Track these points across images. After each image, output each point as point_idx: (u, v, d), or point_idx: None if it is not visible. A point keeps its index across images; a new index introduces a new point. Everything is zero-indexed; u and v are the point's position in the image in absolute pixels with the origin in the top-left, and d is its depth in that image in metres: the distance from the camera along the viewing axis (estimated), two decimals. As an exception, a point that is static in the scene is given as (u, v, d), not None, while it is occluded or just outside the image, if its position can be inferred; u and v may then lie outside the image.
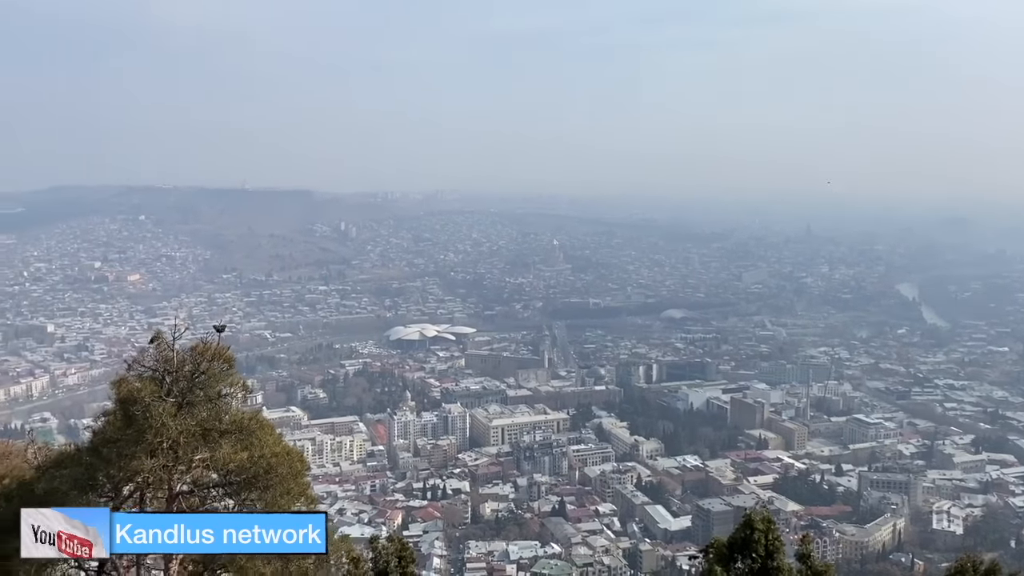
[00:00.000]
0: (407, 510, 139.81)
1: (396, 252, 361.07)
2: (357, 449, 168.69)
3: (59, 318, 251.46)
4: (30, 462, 20.07)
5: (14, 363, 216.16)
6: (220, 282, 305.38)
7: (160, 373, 16.48)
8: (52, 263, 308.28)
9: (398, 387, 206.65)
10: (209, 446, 16.25)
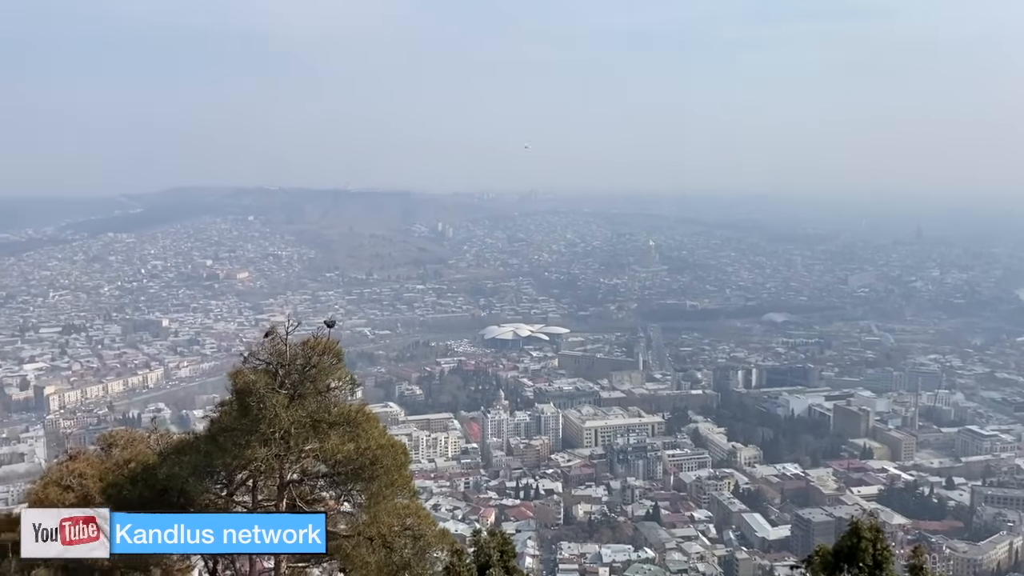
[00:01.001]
0: (500, 508, 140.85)
1: (491, 252, 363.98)
2: (452, 446, 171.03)
3: (173, 313, 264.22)
4: (153, 448, 21.30)
5: (132, 355, 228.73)
6: (323, 280, 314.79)
7: (274, 366, 17.16)
8: (168, 261, 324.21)
9: (492, 386, 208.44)
10: (318, 437, 16.85)
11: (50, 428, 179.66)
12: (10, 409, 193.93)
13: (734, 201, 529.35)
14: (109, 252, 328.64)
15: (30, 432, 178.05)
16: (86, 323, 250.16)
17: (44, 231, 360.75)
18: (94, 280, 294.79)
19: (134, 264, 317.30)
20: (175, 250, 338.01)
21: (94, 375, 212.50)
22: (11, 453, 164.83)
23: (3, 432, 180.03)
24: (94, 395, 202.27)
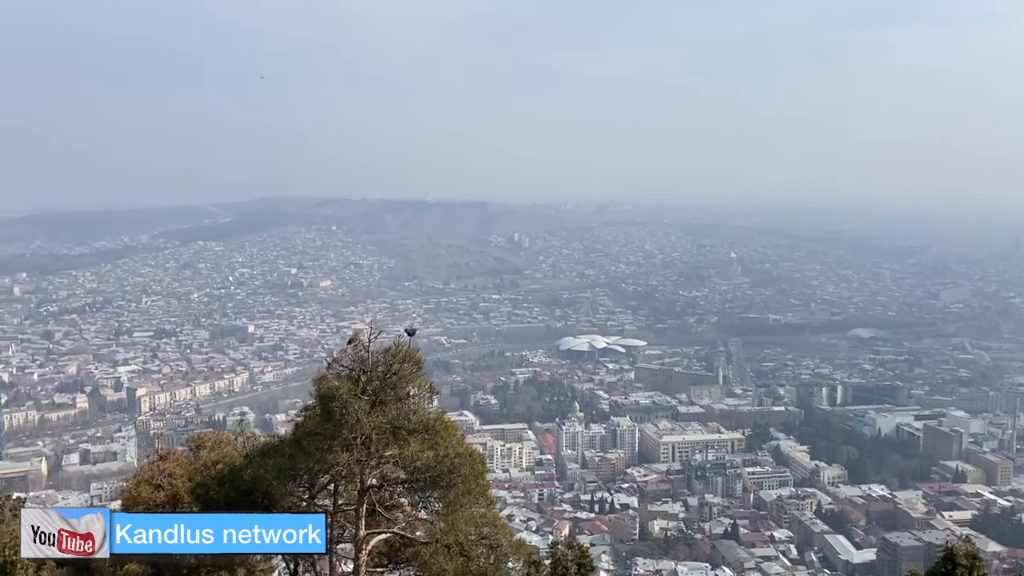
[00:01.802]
0: (574, 521, 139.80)
1: (567, 263, 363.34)
2: (526, 457, 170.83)
3: (258, 320, 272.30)
4: (239, 450, 21.89)
5: (219, 360, 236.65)
6: (402, 289, 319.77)
7: (356, 372, 17.40)
8: (254, 269, 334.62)
9: (567, 397, 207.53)
10: (398, 443, 16.99)
11: (141, 428, 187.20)
12: (105, 409, 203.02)
13: (818, 212, 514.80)
14: (199, 260, 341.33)
15: (122, 432, 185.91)
16: (176, 328, 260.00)
17: (139, 239, 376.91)
18: (185, 287, 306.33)
19: (222, 271, 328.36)
20: (261, 258, 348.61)
21: (183, 378, 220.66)
22: (105, 452, 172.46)
23: (98, 431, 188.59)
24: (182, 397, 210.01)
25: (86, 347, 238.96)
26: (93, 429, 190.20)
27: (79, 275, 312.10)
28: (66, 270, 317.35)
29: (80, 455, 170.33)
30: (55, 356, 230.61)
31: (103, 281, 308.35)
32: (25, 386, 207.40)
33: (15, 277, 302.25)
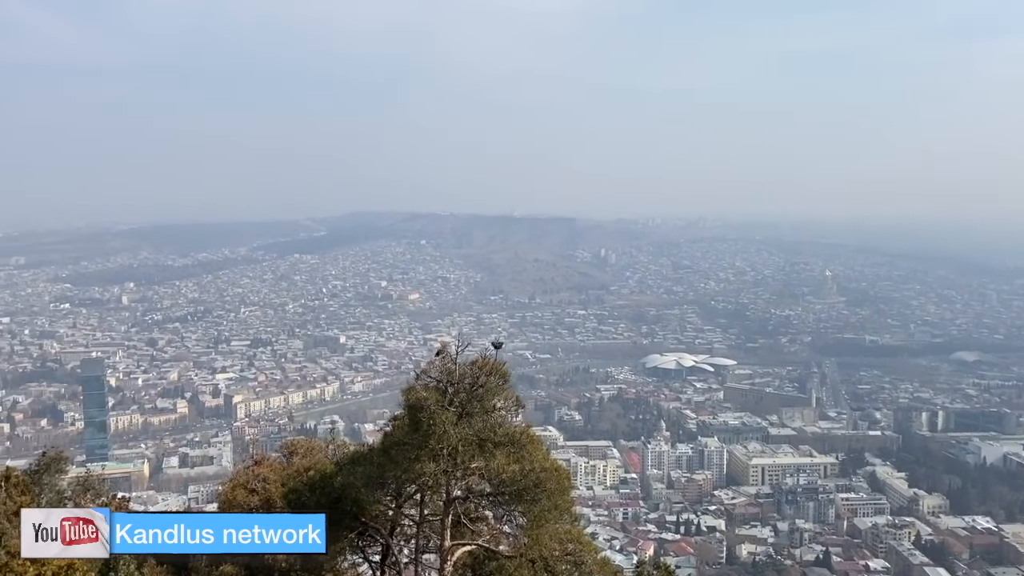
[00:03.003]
0: (659, 542, 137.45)
1: (655, 279, 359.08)
2: (610, 475, 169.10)
3: (350, 331, 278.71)
4: (330, 458, 22.42)
5: (311, 369, 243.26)
6: (488, 303, 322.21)
7: (443, 384, 17.59)
8: (346, 281, 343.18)
9: (653, 416, 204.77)
10: (484, 456, 17.06)
11: (236, 434, 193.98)
12: (203, 415, 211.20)
13: (917, 230, 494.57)
14: (295, 272, 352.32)
15: (219, 437, 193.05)
16: (272, 338, 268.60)
17: (238, 251, 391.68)
18: (280, 298, 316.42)
19: (316, 283, 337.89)
20: (353, 271, 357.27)
21: (277, 386, 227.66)
22: (202, 456, 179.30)
23: (196, 436, 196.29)
24: (276, 405, 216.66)
25: (187, 354, 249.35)
26: (192, 434, 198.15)
27: (182, 285, 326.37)
28: (170, 280, 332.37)
29: (179, 458, 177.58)
30: (158, 362, 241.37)
31: (204, 291, 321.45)
32: (130, 391, 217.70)
33: (123, 286, 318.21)
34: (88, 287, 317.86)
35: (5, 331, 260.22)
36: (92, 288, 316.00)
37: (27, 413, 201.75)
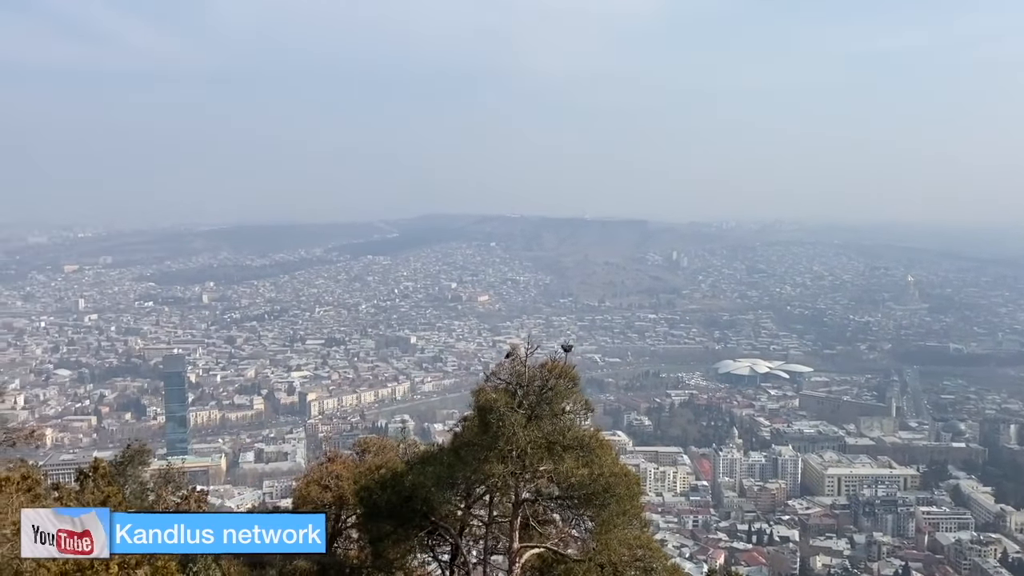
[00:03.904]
0: (730, 551, 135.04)
1: (728, 283, 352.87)
2: (680, 481, 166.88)
3: (420, 331, 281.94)
4: (401, 456, 22.73)
5: (383, 369, 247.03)
6: (557, 306, 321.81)
7: (513, 386, 17.64)
8: (418, 282, 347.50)
9: (725, 422, 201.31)
10: (553, 459, 17.03)
11: (310, 431, 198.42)
12: (278, 411, 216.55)
13: (1006, 235, 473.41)
14: (368, 273, 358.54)
15: (293, 433, 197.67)
16: (345, 337, 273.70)
17: (314, 252, 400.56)
18: (354, 298, 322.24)
19: (389, 284, 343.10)
20: (424, 272, 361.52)
21: (349, 385, 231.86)
22: (277, 451, 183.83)
23: (272, 432, 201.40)
24: (349, 403, 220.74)
25: (264, 352, 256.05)
26: (267, 430, 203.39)
27: (260, 285, 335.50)
28: (249, 280, 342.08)
29: (255, 454, 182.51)
30: (236, 360, 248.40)
31: (281, 291, 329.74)
32: (209, 387, 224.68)
33: (204, 285, 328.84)
34: (171, 286, 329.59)
35: (93, 327, 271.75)
36: (175, 287, 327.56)
37: (112, 407, 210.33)
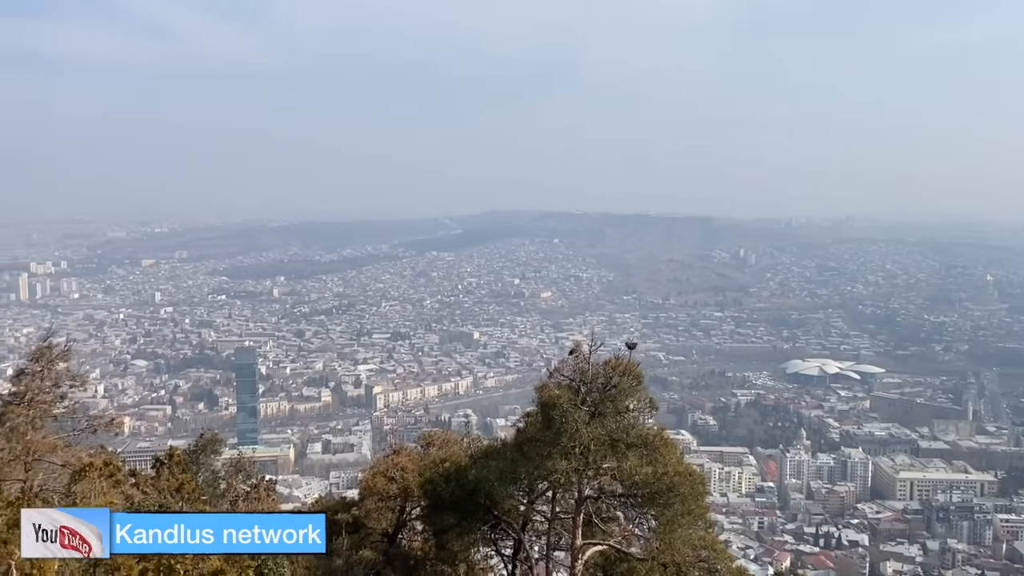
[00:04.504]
0: (796, 554, 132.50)
1: (797, 281, 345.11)
2: (746, 482, 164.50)
3: (483, 327, 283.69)
4: (465, 450, 22.95)
5: (447, 363, 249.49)
6: (620, 303, 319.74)
7: (576, 383, 17.65)
8: (481, 278, 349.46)
9: (792, 423, 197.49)
10: (616, 456, 16.99)
11: (375, 423, 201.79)
12: (345, 404, 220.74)
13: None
14: (432, 268, 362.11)
15: (359, 425, 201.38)
16: (410, 332, 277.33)
17: (381, 248, 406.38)
18: (419, 293, 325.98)
19: (452, 280, 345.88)
20: (488, 268, 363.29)
21: (414, 379, 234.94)
22: (344, 443, 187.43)
23: (339, 423, 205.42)
24: (413, 397, 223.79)
25: (332, 345, 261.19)
26: (335, 421, 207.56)
27: (328, 280, 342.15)
28: (317, 275, 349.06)
29: (322, 445, 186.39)
30: (305, 353, 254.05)
31: (348, 286, 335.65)
32: (279, 379, 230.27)
33: (275, 280, 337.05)
34: (243, 280, 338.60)
35: (169, 320, 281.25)
36: (246, 281, 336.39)
37: (186, 396, 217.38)
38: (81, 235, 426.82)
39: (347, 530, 22.14)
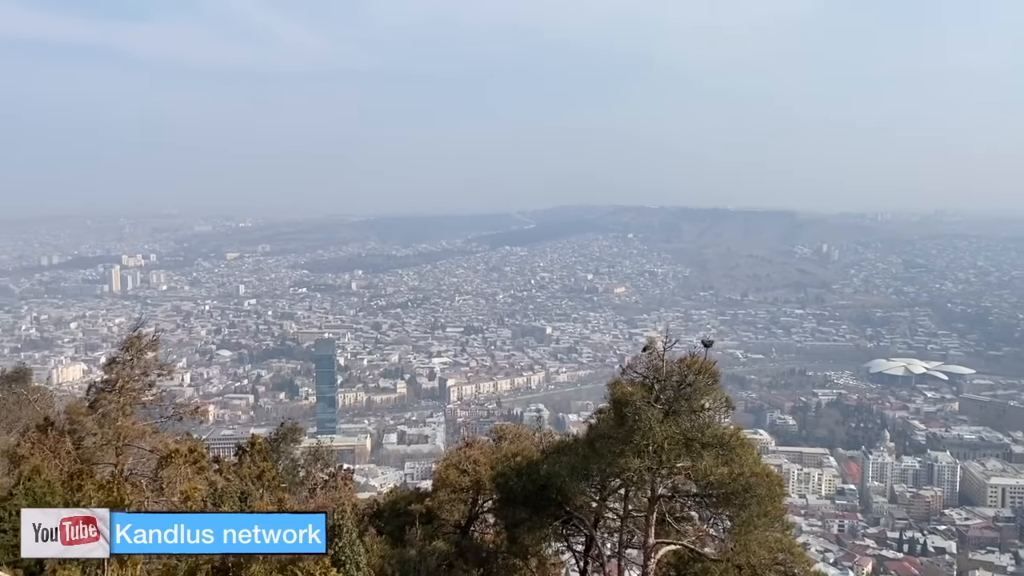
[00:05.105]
0: (879, 559, 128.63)
1: (883, 278, 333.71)
2: (826, 484, 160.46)
3: (555, 322, 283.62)
4: (536, 445, 22.98)
5: (519, 358, 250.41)
6: (697, 299, 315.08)
7: (650, 380, 17.44)
8: (554, 273, 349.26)
9: (875, 424, 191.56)
10: (691, 456, 16.74)
11: (449, 415, 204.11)
12: (419, 396, 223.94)
13: None
14: (505, 263, 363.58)
15: (433, 417, 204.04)
16: (483, 326, 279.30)
17: (455, 243, 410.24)
18: (492, 288, 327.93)
19: (525, 275, 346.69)
20: (561, 263, 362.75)
21: (487, 373, 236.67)
22: (418, 434, 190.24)
23: (413, 415, 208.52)
24: (485, 390, 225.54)
25: (407, 338, 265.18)
26: (409, 412, 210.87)
27: (404, 274, 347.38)
28: (393, 269, 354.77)
29: (398, 435, 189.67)
30: (381, 345, 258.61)
31: (423, 280, 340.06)
32: (356, 370, 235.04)
33: (353, 273, 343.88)
34: (322, 274, 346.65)
35: (252, 311, 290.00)
36: (326, 275, 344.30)
37: (268, 386, 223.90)
38: (169, 229, 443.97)
39: (420, 520, 22.42)
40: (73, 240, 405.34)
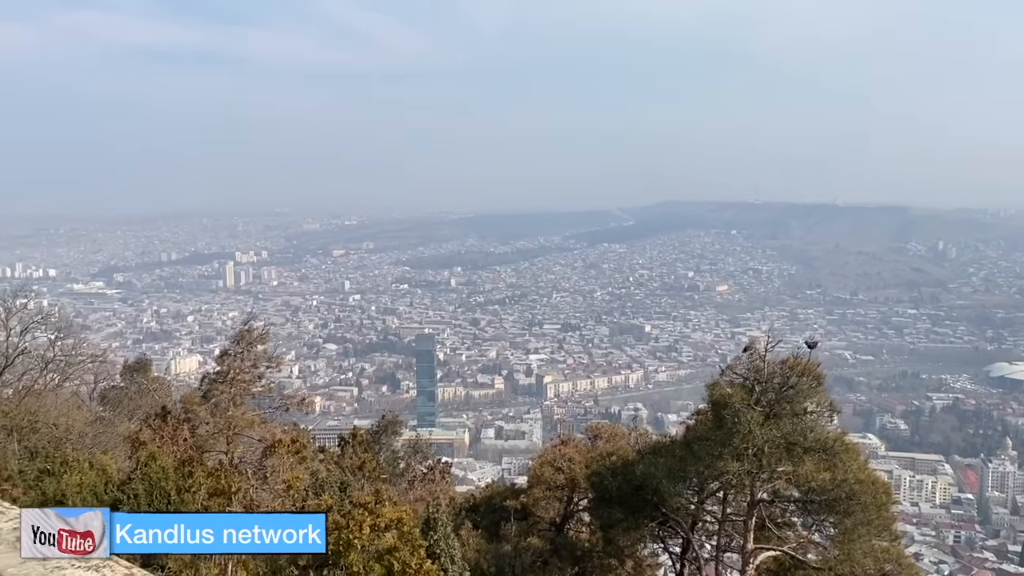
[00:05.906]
0: (998, 573, 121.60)
1: (1005, 277, 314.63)
2: (940, 492, 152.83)
3: (655, 320, 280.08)
4: (632, 445, 22.82)
5: (616, 356, 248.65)
6: (803, 298, 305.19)
7: (750, 382, 17.09)
8: (653, 270, 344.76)
9: (996, 431, 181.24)
10: (792, 460, 16.32)
11: (546, 412, 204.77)
12: (517, 392, 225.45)
13: None
14: (603, 260, 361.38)
15: (530, 414, 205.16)
16: (580, 323, 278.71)
17: (552, 240, 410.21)
18: (589, 285, 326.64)
19: (624, 272, 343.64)
20: (660, 260, 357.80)
21: (584, 370, 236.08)
22: (515, 430, 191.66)
23: (510, 411, 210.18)
24: (582, 388, 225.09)
25: (504, 335, 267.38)
26: (507, 408, 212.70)
27: (502, 270, 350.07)
28: (492, 266, 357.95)
29: (495, 431, 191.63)
30: (479, 341, 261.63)
31: (521, 277, 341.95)
32: (455, 365, 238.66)
33: (452, 270, 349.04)
34: (423, 270, 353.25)
35: (356, 307, 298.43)
36: (426, 271, 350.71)
37: (371, 379, 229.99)
38: (280, 227, 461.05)
39: (516, 517, 22.61)
40: (190, 237, 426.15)
